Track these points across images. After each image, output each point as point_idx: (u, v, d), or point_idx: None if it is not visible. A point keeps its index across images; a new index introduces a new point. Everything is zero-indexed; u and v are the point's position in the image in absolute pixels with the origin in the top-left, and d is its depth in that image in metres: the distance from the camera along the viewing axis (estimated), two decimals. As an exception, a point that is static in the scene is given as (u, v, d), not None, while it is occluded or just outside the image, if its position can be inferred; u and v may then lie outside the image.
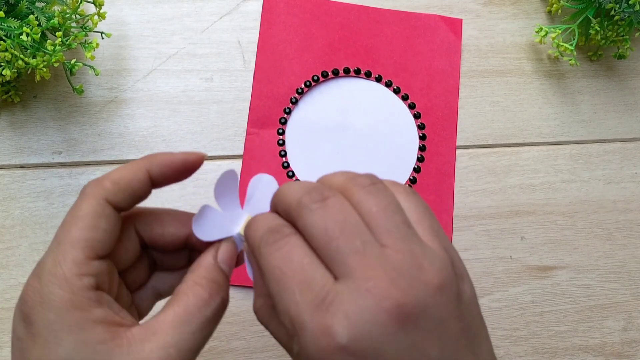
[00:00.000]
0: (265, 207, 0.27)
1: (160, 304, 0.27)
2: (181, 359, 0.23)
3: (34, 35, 0.38)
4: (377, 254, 0.22)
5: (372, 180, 0.24)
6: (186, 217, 0.28)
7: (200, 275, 0.25)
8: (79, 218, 0.24)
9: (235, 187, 0.28)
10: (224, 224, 0.27)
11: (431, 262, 0.22)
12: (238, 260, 0.28)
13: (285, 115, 0.47)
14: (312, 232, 0.23)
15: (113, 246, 0.25)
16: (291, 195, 0.24)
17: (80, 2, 0.41)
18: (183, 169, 0.26)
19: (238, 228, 0.27)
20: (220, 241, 0.27)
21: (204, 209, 0.27)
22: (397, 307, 0.21)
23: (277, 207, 0.25)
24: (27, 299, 0.23)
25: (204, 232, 0.26)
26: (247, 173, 0.45)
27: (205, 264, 0.26)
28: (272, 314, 0.25)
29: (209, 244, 0.27)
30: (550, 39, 0.48)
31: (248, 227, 0.25)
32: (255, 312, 0.26)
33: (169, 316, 0.24)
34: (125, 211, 0.26)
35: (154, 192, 0.45)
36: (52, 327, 0.22)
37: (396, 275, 0.21)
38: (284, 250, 0.23)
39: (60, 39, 0.39)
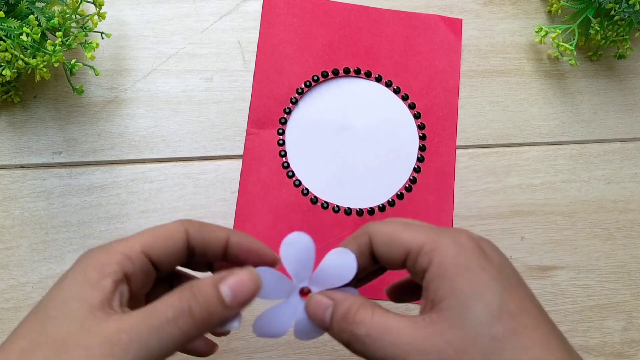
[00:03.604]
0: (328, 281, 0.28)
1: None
2: (128, 347, 0.23)
3: (34, 36, 0.38)
4: None
5: None
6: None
7: (185, 286, 0.25)
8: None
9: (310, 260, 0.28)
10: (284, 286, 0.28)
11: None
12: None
13: (285, 115, 0.47)
14: None
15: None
16: None
17: (80, 2, 0.41)
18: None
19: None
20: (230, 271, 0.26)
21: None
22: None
23: None
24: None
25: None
26: (247, 173, 0.45)
27: (199, 283, 0.26)
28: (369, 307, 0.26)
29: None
30: (550, 39, 0.48)
31: None
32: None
33: (140, 310, 0.24)
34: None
35: (152, 194, 0.45)
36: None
37: None
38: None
39: (60, 39, 0.39)
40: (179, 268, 0.30)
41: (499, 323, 0.23)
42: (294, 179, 0.46)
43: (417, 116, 0.48)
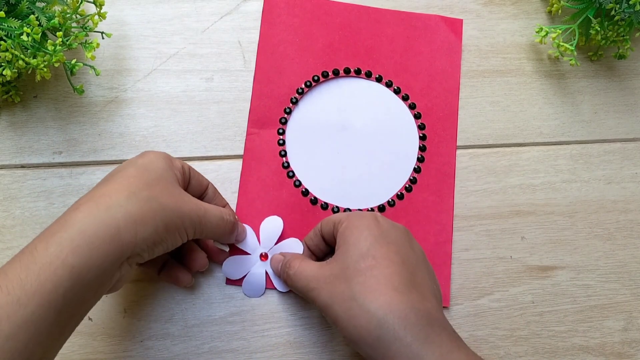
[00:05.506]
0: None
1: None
2: (200, 220, 0.36)
3: (35, 35, 0.38)
4: None
5: None
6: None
7: (223, 210, 0.39)
8: None
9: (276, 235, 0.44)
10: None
11: None
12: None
13: (286, 115, 0.47)
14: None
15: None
16: None
17: (81, 2, 0.41)
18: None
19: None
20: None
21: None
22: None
23: None
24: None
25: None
26: (248, 173, 0.45)
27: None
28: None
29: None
30: (551, 39, 0.48)
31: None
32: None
33: (206, 204, 0.38)
34: None
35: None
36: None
37: None
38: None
39: (60, 39, 0.39)
40: None
41: (362, 261, 0.35)
42: (294, 179, 0.46)
43: (417, 116, 0.48)
